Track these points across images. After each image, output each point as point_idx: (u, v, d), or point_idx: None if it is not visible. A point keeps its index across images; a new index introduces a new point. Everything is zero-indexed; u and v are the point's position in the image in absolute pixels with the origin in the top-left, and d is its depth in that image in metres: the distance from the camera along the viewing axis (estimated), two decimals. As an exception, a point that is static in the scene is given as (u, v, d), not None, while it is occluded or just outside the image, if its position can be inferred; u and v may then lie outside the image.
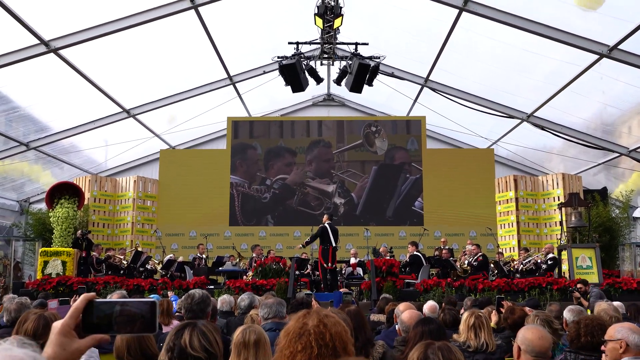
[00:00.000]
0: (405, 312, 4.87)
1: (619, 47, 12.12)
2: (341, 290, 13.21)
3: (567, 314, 5.57)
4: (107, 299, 1.55)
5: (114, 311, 1.52)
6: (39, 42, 12.36)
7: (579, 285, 10.70)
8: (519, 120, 17.26)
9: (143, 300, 1.55)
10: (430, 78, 16.88)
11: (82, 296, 1.52)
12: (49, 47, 12.50)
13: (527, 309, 6.21)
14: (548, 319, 5.05)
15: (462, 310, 6.98)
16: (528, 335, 3.46)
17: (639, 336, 3.66)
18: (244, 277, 14.41)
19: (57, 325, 1.48)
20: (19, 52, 12.46)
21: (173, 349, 2.50)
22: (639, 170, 16.92)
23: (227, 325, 6.53)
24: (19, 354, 1.05)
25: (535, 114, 16.65)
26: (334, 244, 13.75)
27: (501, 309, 6.33)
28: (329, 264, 13.68)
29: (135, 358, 3.53)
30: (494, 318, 6.28)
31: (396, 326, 5.22)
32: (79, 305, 1.50)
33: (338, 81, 14.43)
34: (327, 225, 13.89)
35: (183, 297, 4.65)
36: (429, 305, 6.70)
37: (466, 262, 14.51)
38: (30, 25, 11.79)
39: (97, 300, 1.52)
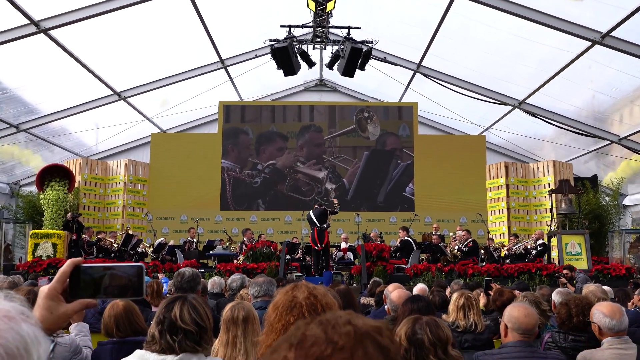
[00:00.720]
0: (394, 292, 4.89)
1: (612, 34, 12.11)
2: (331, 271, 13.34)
3: (555, 296, 5.62)
4: (94, 264, 1.54)
5: (101, 275, 1.51)
6: (28, 22, 12.21)
7: (565, 271, 10.77)
8: (511, 107, 17.28)
9: (130, 264, 1.55)
10: (422, 64, 16.85)
11: (69, 261, 1.51)
12: (39, 27, 12.36)
13: (516, 291, 6.25)
14: (536, 300, 5.07)
15: (448, 293, 7.01)
16: (514, 313, 3.48)
17: (610, 319, 3.71)
18: (235, 260, 14.43)
19: (44, 289, 1.47)
20: (9, 32, 12.32)
21: (163, 321, 2.50)
22: (629, 158, 17.00)
23: (217, 306, 6.54)
24: (5, 306, 1.03)
25: (527, 101, 16.66)
26: (318, 225, 13.87)
27: (490, 292, 6.37)
28: (318, 245, 13.81)
29: (125, 334, 3.53)
30: (482, 300, 6.31)
31: (385, 306, 5.24)
32: (65, 270, 1.49)
33: (330, 65, 14.37)
34: (310, 213, 14.13)
35: (174, 276, 4.65)
36: (419, 288, 6.73)
37: (456, 247, 14.58)
38: (20, 5, 11.65)
39: (84, 264, 1.51)
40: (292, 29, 13.43)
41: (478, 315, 4.58)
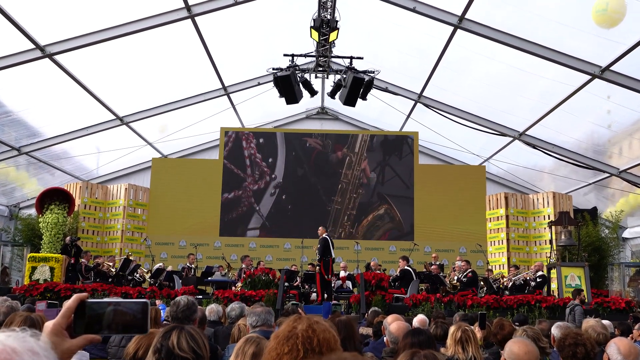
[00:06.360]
0: (393, 324, 4.86)
1: (611, 68, 12.23)
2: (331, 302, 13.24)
3: (555, 331, 5.57)
4: (99, 299, 1.55)
5: (106, 311, 1.52)
6: (34, 46, 12.33)
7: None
8: (511, 139, 17.34)
9: (135, 300, 1.56)
10: (423, 94, 16.96)
11: (74, 296, 1.52)
12: (44, 52, 12.49)
13: (515, 324, 6.20)
14: (536, 335, 5.03)
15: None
16: (515, 349, 3.45)
17: (623, 358, 3.69)
18: (233, 287, 14.36)
19: (48, 325, 1.48)
20: (14, 56, 12.43)
21: (160, 350, 2.49)
22: (629, 191, 17.01)
23: (215, 335, 6.51)
24: (32, 342, 1.10)
25: (527, 133, 16.73)
26: (333, 256, 13.89)
27: (486, 325, 6.30)
28: (329, 276, 13.80)
29: None
30: (478, 334, 6.24)
31: (384, 338, 5.21)
32: (71, 305, 1.49)
33: (332, 94, 14.47)
34: (327, 237, 14.01)
35: (170, 304, 4.63)
36: (419, 319, 6.67)
37: (455, 278, 14.52)
38: (26, 30, 11.77)
39: (89, 300, 1.52)
40: (295, 58, 13.56)
41: (476, 348, 4.55)
